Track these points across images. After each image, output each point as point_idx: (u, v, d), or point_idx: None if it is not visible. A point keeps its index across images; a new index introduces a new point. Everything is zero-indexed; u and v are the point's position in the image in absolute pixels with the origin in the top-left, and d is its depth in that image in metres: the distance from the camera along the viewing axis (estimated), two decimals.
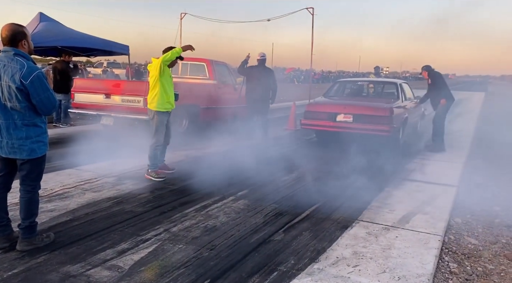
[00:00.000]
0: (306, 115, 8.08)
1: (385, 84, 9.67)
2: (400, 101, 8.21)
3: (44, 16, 10.73)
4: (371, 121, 7.36)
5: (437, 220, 4.21)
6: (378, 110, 7.50)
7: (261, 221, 3.99)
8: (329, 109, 7.89)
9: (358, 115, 7.51)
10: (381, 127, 7.27)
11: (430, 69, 8.17)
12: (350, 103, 8.05)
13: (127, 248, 3.22)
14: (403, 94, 8.57)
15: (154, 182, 5.16)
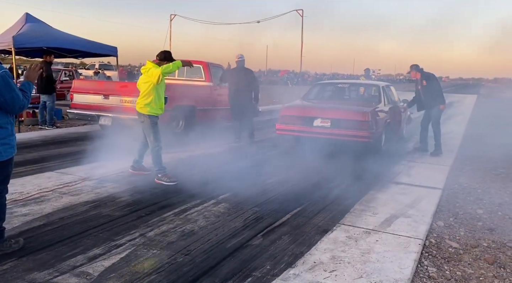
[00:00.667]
0: (281, 119, 7.43)
1: (367, 86, 9.17)
2: (382, 105, 7.73)
3: (31, 17, 10.54)
4: (350, 126, 6.83)
5: (419, 223, 4.17)
6: (356, 114, 6.94)
7: (240, 225, 3.92)
8: (306, 113, 7.31)
9: (336, 119, 6.95)
10: (360, 132, 6.77)
11: (422, 69, 7.83)
12: (328, 107, 7.50)
13: (99, 253, 3.14)
14: (386, 97, 8.09)
15: (135, 185, 5.07)
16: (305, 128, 7.12)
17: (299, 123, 7.21)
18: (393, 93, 8.98)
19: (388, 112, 7.80)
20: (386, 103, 7.92)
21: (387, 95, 8.24)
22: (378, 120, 7.08)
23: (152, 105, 5.22)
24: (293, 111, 7.47)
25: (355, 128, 6.78)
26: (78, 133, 9.16)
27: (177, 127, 8.32)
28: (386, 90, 8.40)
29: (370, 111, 6.94)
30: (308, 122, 7.12)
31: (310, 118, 7.13)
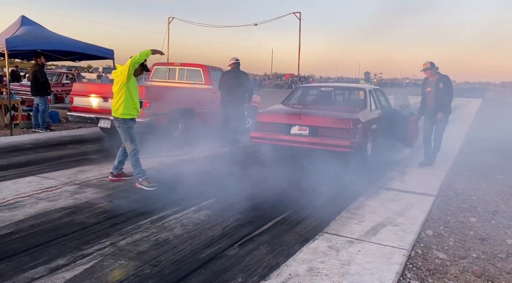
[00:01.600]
0: (256, 126, 6.72)
1: (352, 90, 8.45)
2: (368, 110, 6.95)
3: (26, 19, 10.51)
4: (329, 134, 6.15)
5: (407, 232, 3.99)
6: (337, 121, 6.22)
7: (218, 233, 3.76)
8: (282, 120, 6.53)
9: (314, 127, 6.24)
10: (340, 142, 6.04)
11: (437, 69, 6.83)
12: (306, 113, 6.77)
13: (63, 264, 2.99)
14: (373, 101, 7.31)
15: (117, 190, 4.93)
16: (282, 136, 6.44)
17: (275, 130, 6.52)
18: (382, 97, 8.17)
19: (377, 119, 7.12)
20: (374, 108, 7.19)
21: (376, 99, 7.52)
22: (363, 128, 6.35)
23: (124, 106, 5.05)
24: (269, 117, 6.76)
25: (335, 137, 6.11)
26: (71, 136, 9.06)
27: (176, 130, 8.46)
28: (375, 94, 7.64)
29: (352, 118, 6.22)
30: (284, 129, 6.43)
31: (287, 125, 6.44)
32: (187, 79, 9.90)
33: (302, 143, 6.33)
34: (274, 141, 6.67)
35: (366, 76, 13.73)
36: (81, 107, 8.25)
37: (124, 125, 5.14)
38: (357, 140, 6.14)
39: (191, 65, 9.97)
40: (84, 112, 8.18)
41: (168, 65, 10.75)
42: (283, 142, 6.55)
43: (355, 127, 6.13)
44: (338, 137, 6.08)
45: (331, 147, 6.14)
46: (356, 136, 6.11)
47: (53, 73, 17.82)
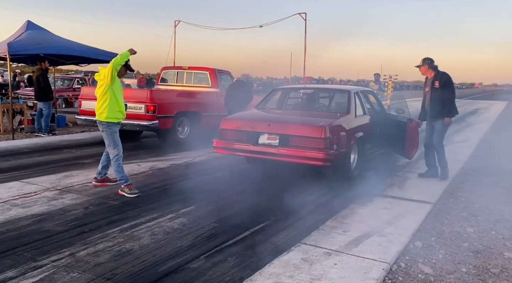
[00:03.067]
0: (220, 134, 5.85)
1: (335, 93, 7.28)
2: (352, 116, 5.98)
3: (32, 24, 10.60)
4: (302, 145, 5.25)
5: (393, 243, 3.70)
6: (309, 129, 5.32)
7: (187, 243, 3.55)
8: (249, 127, 5.65)
9: (285, 136, 5.35)
10: (313, 153, 5.13)
11: (436, 66, 6.02)
12: (277, 119, 5.96)
13: (10, 277, 2.84)
14: (359, 106, 6.36)
15: (95, 197, 4.79)
16: (248, 146, 5.54)
17: (241, 139, 5.63)
18: (370, 100, 7.21)
19: (364, 126, 6.23)
20: (360, 113, 6.28)
21: (363, 103, 6.58)
22: (343, 137, 5.48)
23: (108, 109, 4.92)
24: (234, 124, 5.84)
25: (307, 148, 5.20)
26: (70, 140, 9.04)
27: (182, 133, 8.60)
28: (362, 97, 6.67)
29: (327, 125, 5.25)
30: (252, 138, 5.55)
31: (254, 134, 5.55)
32: (195, 82, 10.10)
33: (270, 154, 5.42)
34: (239, 152, 5.77)
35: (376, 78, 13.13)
36: (89, 110, 8.23)
37: (108, 129, 5.01)
38: (335, 151, 5.24)
39: (199, 69, 10.14)
40: (92, 116, 8.21)
41: (176, 68, 10.79)
42: (249, 153, 5.68)
43: (331, 136, 5.19)
44: (310, 148, 5.19)
45: (303, 159, 5.26)
46: (333, 146, 5.22)
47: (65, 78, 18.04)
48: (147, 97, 7.78)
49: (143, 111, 7.76)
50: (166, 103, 8.04)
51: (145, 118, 7.75)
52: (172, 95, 8.79)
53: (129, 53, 4.96)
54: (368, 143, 6.45)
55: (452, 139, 10.30)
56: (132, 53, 4.99)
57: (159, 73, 10.99)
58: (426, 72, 6.05)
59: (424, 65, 6.01)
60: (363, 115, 6.43)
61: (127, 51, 4.95)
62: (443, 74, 5.95)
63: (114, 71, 4.89)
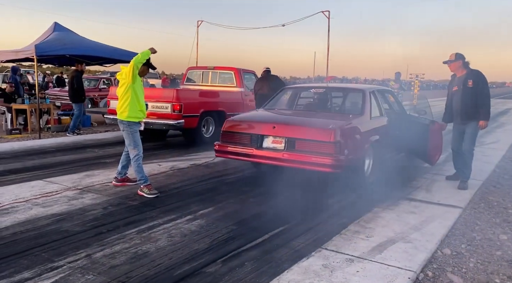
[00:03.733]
0: (222, 137, 5.46)
1: (348, 92, 6.69)
2: (367, 117, 5.47)
3: (59, 25, 10.82)
4: (309, 149, 4.81)
5: (419, 250, 3.51)
6: (318, 132, 4.84)
7: (204, 247, 3.47)
8: (253, 129, 5.24)
9: (291, 139, 4.91)
10: (322, 159, 4.68)
11: (468, 64, 5.48)
12: (282, 121, 5.47)
13: (26, 278, 2.82)
14: (375, 106, 5.80)
15: (115, 197, 4.77)
16: (251, 150, 5.12)
17: (244, 143, 5.23)
18: (388, 101, 6.68)
19: (380, 128, 5.72)
20: (376, 115, 5.74)
21: (380, 104, 6.01)
22: (355, 140, 5.08)
23: (129, 108, 4.91)
24: (237, 126, 5.41)
25: (315, 153, 4.75)
26: (94, 140, 9.15)
27: (207, 132, 8.76)
28: (379, 97, 6.08)
29: (337, 128, 4.79)
30: (256, 141, 5.13)
31: (258, 137, 5.13)
32: (220, 82, 10.27)
33: (275, 159, 4.99)
34: (241, 157, 5.29)
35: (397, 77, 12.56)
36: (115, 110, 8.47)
37: (129, 128, 4.99)
38: (346, 156, 4.74)
39: (223, 69, 10.31)
40: None
41: (201, 68, 10.89)
42: (252, 158, 5.23)
43: (341, 140, 4.73)
44: (319, 153, 4.73)
45: (310, 165, 4.80)
46: (344, 151, 4.74)
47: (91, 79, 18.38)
48: (174, 97, 7.88)
49: (170, 110, 7.88)
50: (192, 103, 8.16)
51: (171, 118, 7.86)
52: (198, 95, 8.89)
53: (150, 51, 4.93)
54: (385, 147, 5.89)
55: (483, 140, 9.89)
56: (153, 52, 4.96)
57: (184, 73, 11.14)
58: (457, 69, 5.49)
59: (458, 61, 5.44)
60: (380, 116, 5.88)
61: (148, 50, 4.93)
62: (477, 72, 5.43)
63: (135, 69, 4.87)
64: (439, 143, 6.29)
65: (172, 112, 7.87)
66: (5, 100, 10.58)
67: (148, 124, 7.84)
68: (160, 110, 7.97)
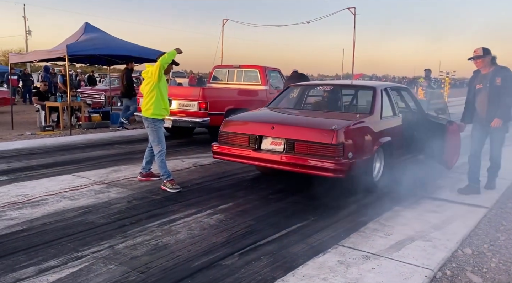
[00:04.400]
0: (220, 137, 5.18)
1: (358, 90, 6.24)
2: (376, 117, 5.06)
3: (90, 26, 11.17)
4: (309, 151, 4.46)
5: (439, 249, 3.47)
6: (319, 133, 4.49)
7: (222, 240, 3.55)
8: (251, 130, 4.91)
9: (290, 140, 4.56)
10: (323, 162, 4.33)
11: (495, 59, 4.99)
12: (283, 121, 5.13)
13: (53, 266, 2.97)
14: (387, 105, 5.39)
15: (139, 191, 4.93)
16: (249, 152, 4.80)
17: (242, 144, 4.93)
18: (412, 100, 6.31)
19: (392, 129, 5.30)
20: (388, 114, 5.32)
21: (393, 102, 5.56)
22: (362, 142, 4.72)
23: (154, 106, 5.06)
24: (235, 126, 5.11)
25: (316, 155, 4.41)
26: (122, 137, 9.42)
27: None
28: (392, 95, 5.61)
29: (340, 129, 4.40)
30: (254, 143, 4.82)
31: (256, 138, 4.82)
32: (245, 80, 10.39)
33: (273, 162, 4.68)
34: (239, 159, 5.02)
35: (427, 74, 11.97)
36: None
37: (153, 125, 5.14)
38: (350, 160, 4.40)
39: (249, 67, 10.44)
40: None
41: (227, 67, 11.04)
42: (250, 161, 4.92)
43: (345, 142, 4.38)
44: (319, 155, 4.39)
45: (310, 169, 4.46)
46: (348, 154, 4.39)
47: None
48: (200, 95, 8.06)
49: (196, 108, 8.06)
50: (217, 101, 8.30)
51: (197, 115, 8.03)
52: (223, 93, 9.04)
53: (176, 52, 5.07)
54: (398, 149, 5.44)
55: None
56: (179, 52, 5.10)
57: (211, 71, 11.34)
58: (484, 66, 4.97)
59: (486, 57, 4.91)
60: (393, 116, 5.46)
61: (174, 50, 5.07)
62: (505, 69, 4.93)
63: (161, 69, 5.02)
64: (457, 146, 5.75)
65: (198, 110, 8.04)
66: (39, 98, 11.03)
67: (175, 121, 8.07)
68: (187, 108, 8.16)
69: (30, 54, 11.17)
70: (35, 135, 9.40)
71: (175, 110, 8.18)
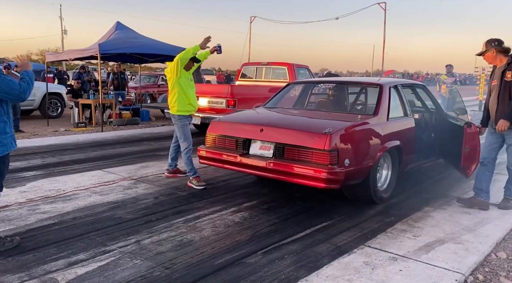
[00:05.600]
0: (207, 140, 4.74)
1: (363, 88, 5.56)
2: (381, 118, 4.49)
3: (120, 25, 11.45)
4: (299, 158, 3.97)
5: (471, 252, 3.34)
6: (310, 137, 3.97)
7: (246, 238, 3.55)
8: (240, 132, 4.45)
9: (280, 145, 4.09)
10: (313, 171, 3.81)
11: (509, 50, 4.27)
12: (273, 122, 4.56)
13: (82, 259, 3.06)
14: (394, 105, 4.80)
15: (166, 187, 5.00)
16: (235, 157, 4.35)
17: (230, 148, 4.50)
18: (429, 98, 5.69)
19: (402, 132, 4.72)
20: (394, 115, 4.72)
21: (403, 101, 4.99)
22: (362, 147, 4.15)
23: (178, 103, 5.11)
24: (222, 128, 4.66)
25: (306, 162, 3.92)
26: (151, 133, 9.61)
27: None
28: (401, 93, 5.01)
29: (334, 132, 3.87)
30: (242, 146, 4.40)
31: (244, 141, 4.39)
32: (273, 77, 10.42)
33: (260, 169, 4.19)
34: (225, 165, 4.53)
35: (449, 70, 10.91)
36: None
37: (179, 122, 5.20)
38: (346, 168, 3.87)
39: (277, 64, 10.47)
40: None
41: (255, 64, 11.08)
42: (236, 167, 4.42)
43: (340, 147, 3.86)
44: (310, 162, 3.89)
45: (298, 178, 3.94)
46: (345, 161, 3.87)
47: (150, 75, 19.21)
48: (228, 92, 8.13)
49: (224, 105, 8.15)
50: (245, 98, 8.34)
51: (226, 112, 8.06)
52: (251, 90, 9.05)
53: (199, 47, 5.00)
54: (410, 154, 4.90)
55: None
56: (202, 47, 5.00)
57: (239, 69, 11.42)
58: (494, 60, 4.30)
59: (490, 50, 4.26)
60: (403, 117, 4.88)
61: (197, 45, 4.99)
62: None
63: (179, 65, 5.03)
64: (475, 150, 4.79)
65: (227, 107, 8.12)
66: (73, 96, 11.38)
67: (204, 118, 8.17)
68: (216, 105, 8.26)
69: (65, 53, 11.53)
70: (68, 131, 9.71)
71: (205, 107, 8.29)
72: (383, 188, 4.58)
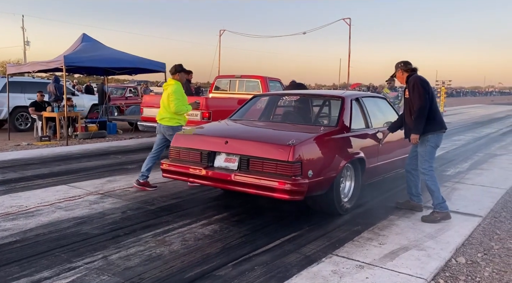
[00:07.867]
0: (171, 153, 4.63)
1: (326, 100, 5.68)
2: (343, 130, 4.60)
3: (87, 36, 11.26)
4: (264, 169, 3.95)
5: (433, 258, 3.47)
6: (274, 149, 3.97)
7: (216, 251, 3.54)
8: (204, 145, 4.39)
9: (245, 157, 4.06)
10: (277, 183, 3.79)
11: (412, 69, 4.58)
12: (237, 134, 4.58)
13: (45, 277, 2.96)
14: (356, 116, 4.91)
15: (134, 201, 4.92)
16: (200, 170, 4.26)
17: (194, 161, 4.41)
18: (380, 109, 5.68)
19: (364, 142, 4.82)
20: (356, 126, 4.82)
21: (365, 113, 5.11)
22: (325, 159, 4.17)
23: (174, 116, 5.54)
24: (187, 141, 4.57)
25: (270, 174, 3.90)
26: (118, 147, 9.43)
27: None
28: (363, 105, 5.15)
29: (298, 144, 3.90)
30: (207, 159, 4.31)
31: (209, 154, 4.32)
32: (246, 90, 10.49)
33: (224, 182, 4.16)
34: (189, 178, 4.44)
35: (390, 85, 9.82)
36: (149, 117, 8.83)
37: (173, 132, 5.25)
38: (310, 179, 3.90)
39: (250, 77, 10.62)
40: (153, 122, 8.71)
41: (228, 77, 11.15)
42: (201, 180, 4.34)
43: (303, 159, 3.88)
44: (274, 174, 3.88)
45: (263, 190, 3.91)
46: (308, 172, 3.90)
47: (118, 87, 18.90)
48: (203, 105, 8.13)
49: (199, 118, 8.16)
50: (220, 110, 8.34)
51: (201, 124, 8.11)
52: (225, 103, 9.13)
53: (191, 108, 5.66)
54: (373, 164, 4.96)
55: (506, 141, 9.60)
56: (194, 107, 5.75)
57: (212, 81, 11.48)
58: (402, 79, 4.61)
59: (398, 71, 4.61)
60: (365, 128, 4.98)
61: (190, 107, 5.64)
62: (414, 78, 4.47)
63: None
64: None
65: (201, 120, 8.12)
66: (36, 109, 11.05)
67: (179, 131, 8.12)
68: (190, 117, 8.22)
69: (27, 65, 11.22)
70: (31, 145, 9.40)
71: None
72: (347, 199, 4.64)
